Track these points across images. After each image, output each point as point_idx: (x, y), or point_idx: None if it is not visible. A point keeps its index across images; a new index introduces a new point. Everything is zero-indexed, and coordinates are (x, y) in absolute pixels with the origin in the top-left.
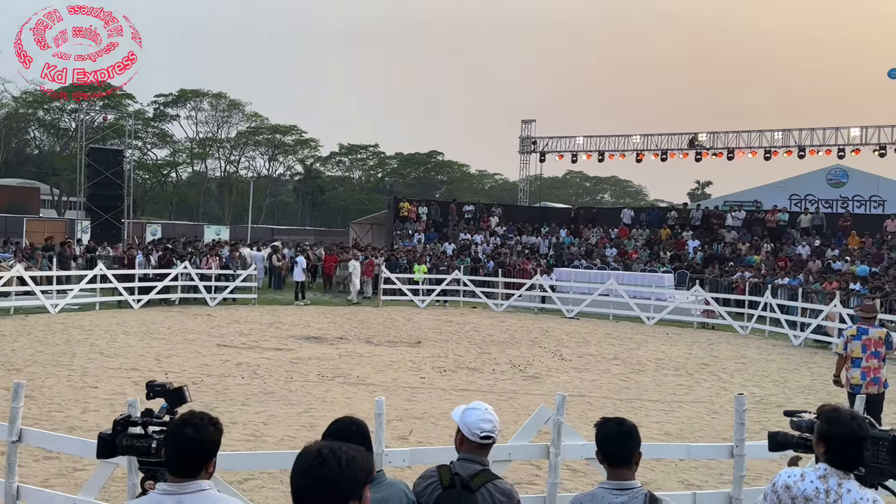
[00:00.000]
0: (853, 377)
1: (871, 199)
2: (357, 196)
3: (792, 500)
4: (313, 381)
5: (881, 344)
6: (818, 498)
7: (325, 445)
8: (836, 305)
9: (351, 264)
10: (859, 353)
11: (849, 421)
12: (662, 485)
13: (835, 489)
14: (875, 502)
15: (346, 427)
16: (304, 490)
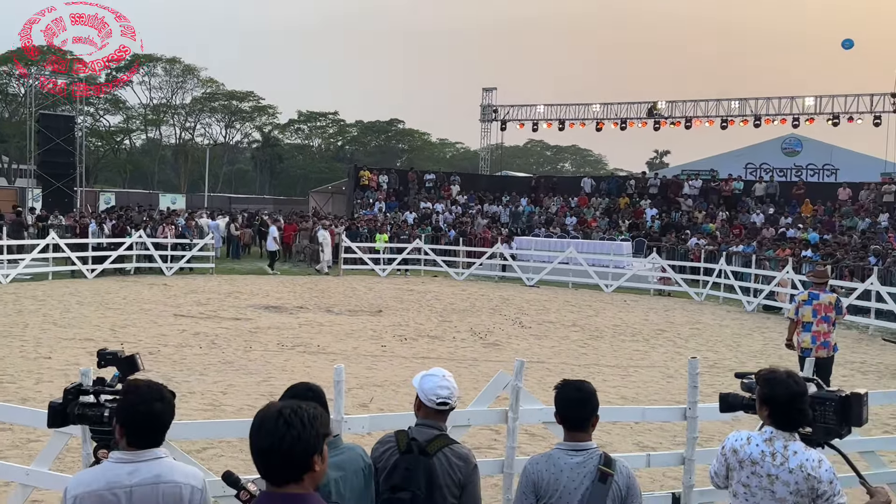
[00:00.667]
0: (804, 341)
1: (825, 168)
2: (317, 164)
3: (739, 464)
4: (273, 350)
5: (831, 309)
6: (764, 461)
7: (285, 405)
8: (788, 272)
9: (321, 234)
10: (810, 317)
11: (786, 380)
12: (618, 447)
13: (780, 451)
14: (821, 462)
15: (302, 393)
16: (268, 449)
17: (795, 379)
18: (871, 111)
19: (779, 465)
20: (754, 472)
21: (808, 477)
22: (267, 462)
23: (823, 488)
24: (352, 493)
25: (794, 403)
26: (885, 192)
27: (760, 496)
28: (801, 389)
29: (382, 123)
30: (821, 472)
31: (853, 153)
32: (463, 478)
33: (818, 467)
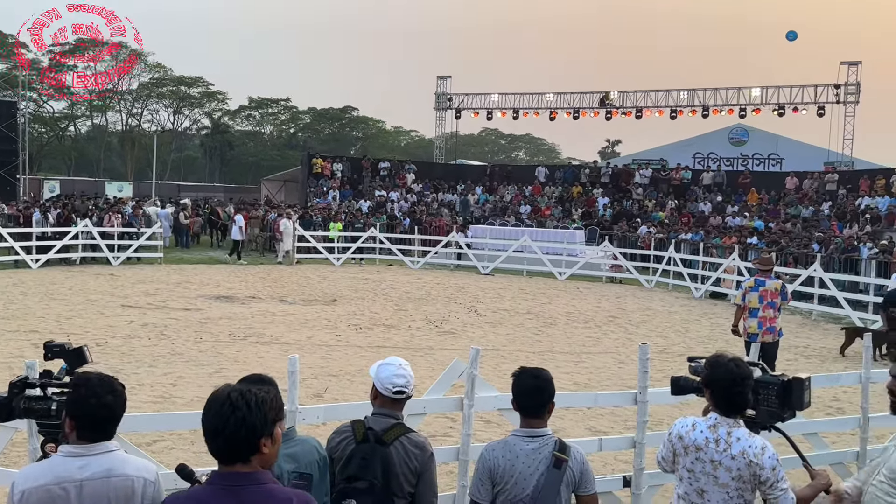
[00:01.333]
0: (750, 326)
1: (770, 158)
2: (268, 152)
3: (685, 450)
4: (224, 341)
5: (777, 295)
6: (708, 447)
7: (234, 389)
8: (734, 259)
9: (283, 223)
10: (756, 303)
11: (727, 363)
12: (571, 432)
13: (724, 438)
14: (763, 449)
15: (255, 384)
16: (216, 431)
17: (738, 363)
18: (815, 102)
19: (722, 451)
20: (698, 457)
21: (749, 463)
22: (213, 442)
23: (766, 475)
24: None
25: (733, 387)
26: (828, 181)
27: (704, 481)
28: (742, 373)
29: (336, 111)
30: (763, 459)
31: (798, 143)
32: (419, 466)
33: (761, 454)
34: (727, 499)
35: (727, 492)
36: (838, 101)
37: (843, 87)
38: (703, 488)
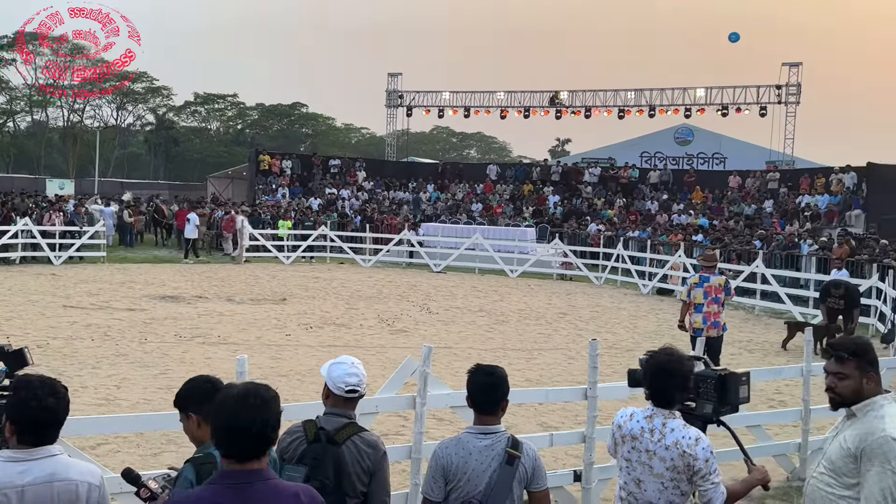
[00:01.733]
0: (696, 322)
1: (714, 157)
2: (215, 148)
3: (622, 439)
4: (170, 341)
5: (720, 291)
6: (643, 437)
7: (247, 386)
8: (680, 256)
9: (239, 219)
10: (701, 299)
11: (658, 355)
12: (523, 428)
13: (659, 428)
14: (698, 440)
15: (200, 386)
16: (246, 430)
17: (669, 356)
18: (757, 102)
19: (656, 441)
20: (634, 447)
21: (683, 454)
22: (241, 442)
23: (699, 466)
24: None
25: (660, 379)
26: (770, 179)
27: (640, 471)
28: (672, 367)
29: (285, 107)
30: (697, 450)
31: (741, 142)
32: (372, 465)
33: (694, 445)
34: (662, 489)
35: (662, 482)
36: (780, 101)
37: (784, 87)
38: (639, 478)
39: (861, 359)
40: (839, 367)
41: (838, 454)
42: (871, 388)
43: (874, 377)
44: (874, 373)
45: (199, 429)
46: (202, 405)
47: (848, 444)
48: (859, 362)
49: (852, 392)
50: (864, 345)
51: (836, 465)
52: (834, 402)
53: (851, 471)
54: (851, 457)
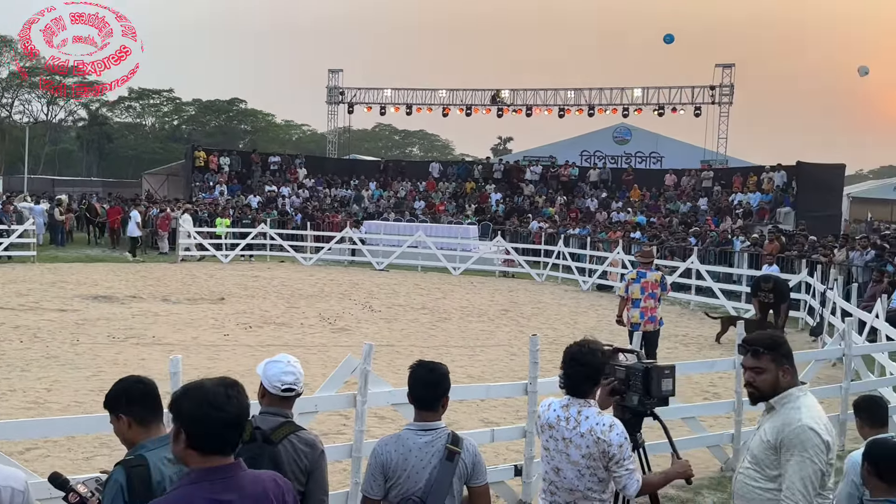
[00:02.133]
0: (633, 316)
1: (651, 156)
2: (150, 145)
3: (541, 428)
4: (102, 343)
5: (657, 286)
6: (559, 425)
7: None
8: (618, 253)
9: (184, 217)
10: (638, 294)
11: (573, 346)
12: (465, 424)
13: (574, 416)
14: (612, 426)
15: (130, 387)
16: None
17: (581, 346)
18: (692, 102)
19: (572, 428)
20: (552, 435)
21: (597, 440)
22: (231, 433)
23: (613, 451)
24: None
25: (570, 368)
26: (704, 177)
27: (558, 459)
28: (583, 358)
29: (223, 103)
30: (611, 437)
31: (677, 142)
32: (309, 464)
33: (608, 431)
34: (580, 476)
35: (579, 469)
36: (713, 101)
37: (717, 88)
38: (558, 466)
39: (776, 352)
40: (756, 362)
41: (760, 447)
42: (787, 380)
43: (789, 369)
44: (789, 365)
45: (129, 430)
46: (133, 406)
47: (768, 436)
48: (775, 356)
49: (770, 385)
50: (778, 338)
51: (758, 458)
52: (753, 396)
53: (773, 462)
54: (772, 448)
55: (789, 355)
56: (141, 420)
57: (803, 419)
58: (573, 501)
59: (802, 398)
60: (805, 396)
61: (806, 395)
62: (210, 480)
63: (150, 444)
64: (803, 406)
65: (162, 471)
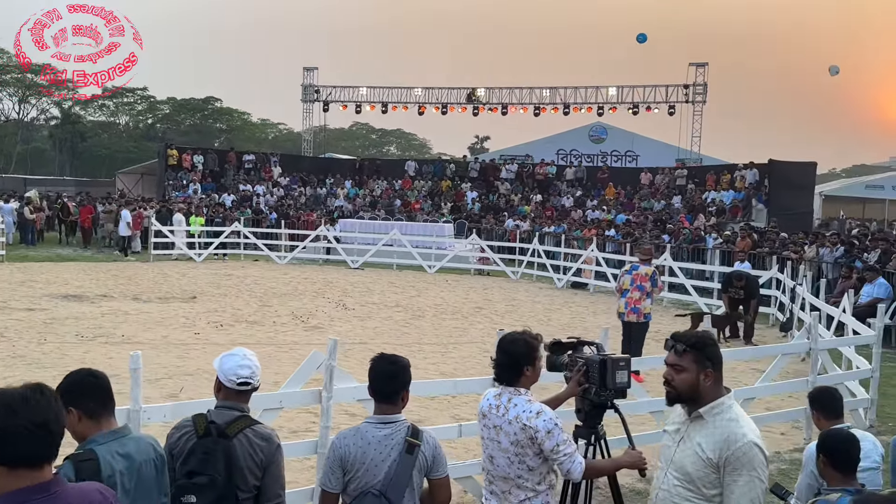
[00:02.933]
0: (619, 306)
1: (627, 154)
2: (124, 144)
3: (477, 417)
4: (71, 342)
5: (647, 279)
6: (491, 413)
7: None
8: (592, 250)
9: (176, 217)
10: (628, 285)
11: (503, 335)
12: (436, 420)
13: (504, 404)
14: (539, 413)
15: (81, 380)
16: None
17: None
18: (666, 101)
19: (501, 416)
20: (485, 424)
21: (524, 427)
22: (36, 440)
23: (541, 438)
24: (140, 484)
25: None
26: (678, 176)
27: (492, 447)
28: (504, 346)
29: (197, 101)
30: (537, 423)
31: (652, 141)
32: (265, 458)
33: (534, 418)
34: (510, 463)
35: (508, 457)
36: (687, 100)
37: (691, 87)
38: (491, 454)
39: (699, 352)
40: (677, 359)
41: (695, 464)
42: (708, 385)
43: (712, 374)
44: (713, 370)
45: (79, 424)
46: (83, 400)
47: (707, 452)
48: (697, 356)
49: (688, 387)
50: (705, 339)
51: (692, 476)
52: (669, 395)
53: (712, 481)
54: (712, 466)
55: (715, 359)
56: (91, 414)
57: (748, 434)
58: (508, 490)
59: (735, 408)
60: (736, 406)
61: (736, 405)
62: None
63: (101, 438)
64: (740, 418)
65: (112, 465)
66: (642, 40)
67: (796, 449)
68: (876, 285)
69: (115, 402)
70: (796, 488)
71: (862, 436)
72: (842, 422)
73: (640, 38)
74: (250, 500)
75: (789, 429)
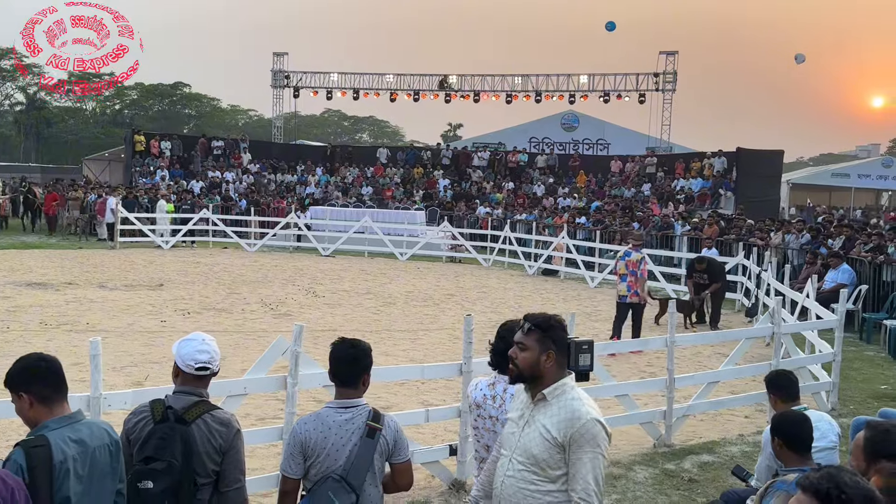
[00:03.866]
0: (621, 290)
1: (598, 142)
2: (91, 130)
3: (470, 408)
4: (34, 329)
5: (637, 265)
6: (486, 404)
7: None
8: (563, 237)
9: (161, 203)
10: (625, 270)
11: (504, 323)
12: (405, 406)
13: (500, 394)
14: None
15: (31, 364)
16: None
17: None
18: (636, 89)
19: (498, 407)
20: (479, 414)
21: None
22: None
23: None
24: (94, 470)
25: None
26: (648, 164)
27: (487, 437)
28: (507, 335)
29: (166, 87)
30: None
31: (623, 129)
32: (224, 443)
33: None
34: None
35: None
36: (657, 89)
37: (661, 75)
38: (487, 444)
39: (543, 333)
40: (522, 337)
41: (540, 446)
42: (549, 366)
43: (554, 357)
44: (556, 353)
45: (31, 409)
46: (34, 384)
47: (552, 433)
48: (541, 336)
49: (528, 366)
50: (552, 320)
51: (538, 458)
52: (512, 374)
53: (558, 461)
54: (558, 446)
55: (560, 342)
56: (43, 399)
57: (591, 412)
58: None
59: (577, 389)
60: (577, 388)
61: (577, 387)
62: None
63: (53, 424)
64: (582, 397)
65: (64, 451)
66: (611, 28)
67: (758, 431)
68: (839, 271)
69: (69, 388)
70: (756, 469)
71: (818, 416)
72: (798, 403)
73: (609, 27)
74: (209, 486)
75: (753, 412)
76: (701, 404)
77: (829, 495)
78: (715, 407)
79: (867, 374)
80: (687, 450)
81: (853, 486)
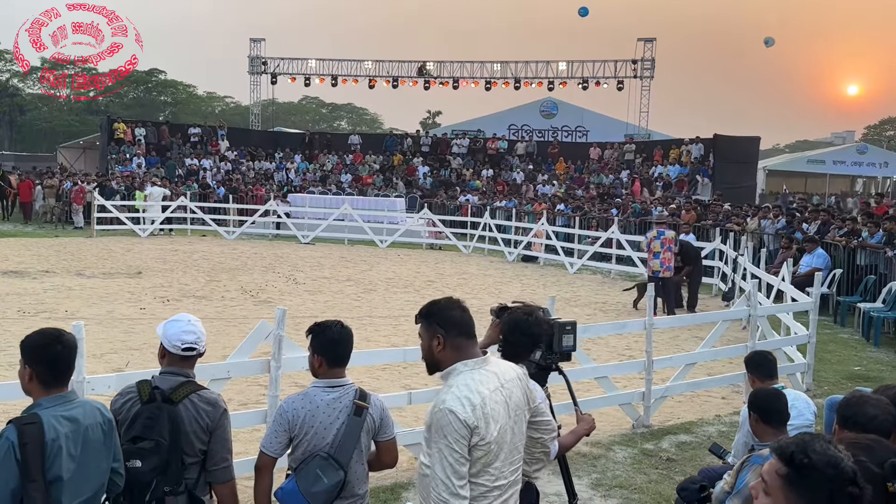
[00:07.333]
0: (654, 265)
1: (577, 130)
2: (65, 117)
3: None
4: (12, 318)
5: (672, 241)
6: None
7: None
8: (542, 224)
9: (157, 190)
10: (659, 248)
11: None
12: (387, 389)
13: None
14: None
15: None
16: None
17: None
18: (615, 76)
19: None
20: None
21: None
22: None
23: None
24: (87, 448)
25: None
26: (627, 151)
27: None
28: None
29: (141, 73)
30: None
31: (601, 116)
32: (211, 423)
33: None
34: None
35: None
36: (636, 76)
37: (639, 62)
38: None
39: (425, 319)
40: (418, 329)
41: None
42: (440, 351)
43: (443, 339)
44: (444, 335)
45: (29, 383)
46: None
47: (427, 418)
48: (426, 323)
49: (425, 353)
50: (434, 305)
51: (425, 439)
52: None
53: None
54: (428, 429)
55: (445, 324)
56: (43, 380)
57: (448, 400)
58: None
59: (464, 374)
60: (470, 372)
61: (470, 371)
62: None
63: (46, 402)
64: (456, 385)
65: (56, 428)
66: (584, 14)
67: (735, 412)
68: (814, 255)
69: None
70: (733, 446)
71: (795, 395)
72: (775, 383)
73: (582, 12)
74: (197, 465)
75: (729, 393)
76: (678, 385)
77: (793, 458)
78: (692, 388)
79: (841, 355)
80: (665, 430)
81: (821, 451)
